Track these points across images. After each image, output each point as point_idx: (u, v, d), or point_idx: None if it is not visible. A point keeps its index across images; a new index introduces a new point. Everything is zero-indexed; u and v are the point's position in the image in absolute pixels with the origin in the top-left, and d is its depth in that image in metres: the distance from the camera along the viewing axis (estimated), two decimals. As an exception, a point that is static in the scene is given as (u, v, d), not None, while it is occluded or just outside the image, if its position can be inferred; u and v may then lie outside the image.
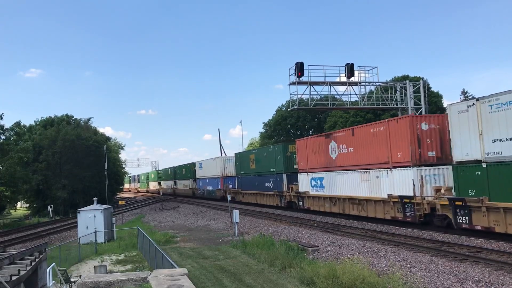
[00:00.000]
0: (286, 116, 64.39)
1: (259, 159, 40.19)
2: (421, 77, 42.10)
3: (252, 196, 42.10)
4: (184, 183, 70.30)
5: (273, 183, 36.64)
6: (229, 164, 50.84)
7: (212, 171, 54.18)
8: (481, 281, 11.41)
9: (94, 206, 27.76)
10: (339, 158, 26.90)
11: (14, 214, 65.95)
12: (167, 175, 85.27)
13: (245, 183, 44.11)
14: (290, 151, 35.28)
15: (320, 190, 29.19)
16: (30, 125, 64.56)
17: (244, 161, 44.39)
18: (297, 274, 13.58)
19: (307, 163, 30.97)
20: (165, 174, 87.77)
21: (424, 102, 29.72)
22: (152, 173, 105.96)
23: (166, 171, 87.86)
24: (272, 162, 36.91)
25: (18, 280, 8.85)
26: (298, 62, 27.15)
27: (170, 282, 7.21)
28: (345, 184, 26.19)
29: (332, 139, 27.87)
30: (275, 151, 36.74)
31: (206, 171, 57.31)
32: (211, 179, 54.91)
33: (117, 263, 18.58)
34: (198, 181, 61.70)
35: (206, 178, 57.46)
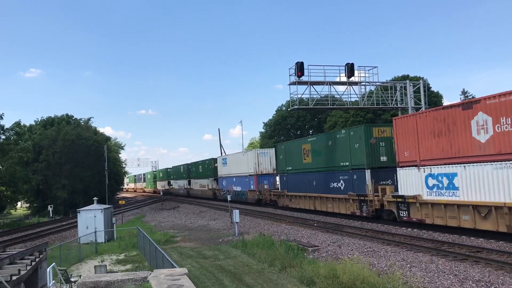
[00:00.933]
0: (286, 116, 64.40)
1: (319, 150, 30.11)
2: (421, 77, 42.11)
3: (307, 200, 31.40)
4: (201, 183, 60.42)
5: (345, 182, 26.86)
6: (264, 159, 41.84)
7: (242, 167, 44.33)
8: (481, 281, 11.41)
9: (94, 206, 27.76)
10: (497, 140, 16.54)
11: (14, 214, 65.95)
12: (179, 173, 75.36)
13: (294, 183, 33.82)
14: (376, 135, 25.12)
15: (447, 194, 18.85)
16: (30, 125, 64.58)
17: (292, 153, 34.23)
18: (297, 274, 13.58)
19: (417, 151, 20.70)
20: (176, 173, 77.91)
21: (424, 102, 29.71)
22: (160, 171, 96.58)
23: (177, 169, 77.69)
24: (344, 153, 26.95)
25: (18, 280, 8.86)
26: (298, 62, 27.13)
27: (170, 282, 7.21)
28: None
29: (479, 109, 17.32)
30: (350, 138, 26.36)
31: (233, 168, 47.42)
32: (240, 177, 45.12)
33: (117, 263, 18.58)
34: (220, 181, 52.32)
35: (232, 177, 47.89)
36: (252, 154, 42.36)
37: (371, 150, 24.89)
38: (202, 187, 60.01)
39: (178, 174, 76.08)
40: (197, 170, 63.21)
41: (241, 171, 44.72)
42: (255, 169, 41.58)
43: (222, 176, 51.54)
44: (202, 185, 59.93)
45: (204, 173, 59.28)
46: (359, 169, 25.50)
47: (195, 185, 64.29)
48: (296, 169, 33.53)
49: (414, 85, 30.24)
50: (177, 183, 76.63)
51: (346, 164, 26.83)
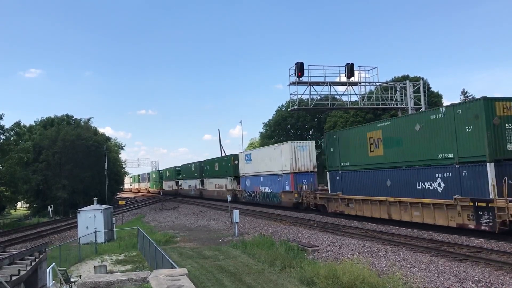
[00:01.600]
0: (286, 116, 64.40)
1: (398, 138, 22.43)
2: (421, 77, 42.11)
3: (377, 206, 23.56)
4: (218, 183, 53.04)
5: (445, 182, 19.30)
6: (303, 154, 34.07)
7: (273, 164, 36.89)
8: (481, 281, 11.41)
9: (94, 206, 27.76)
10: None
11: (14, 214, 65.95)
12: (189, 172, 68.02)
13: (352, 183, 26.39)
14: (500, 114, 17.78)
15: None
16: (30, 125, 64.64)
17: (350, 144, 26.73)
18: (297, 274, 13.58)
19: None
20: (186, 171, 70.35)
21: (424, 102, 29.73)
22: (167, 170, 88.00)
23: (187, 168, 70.39)
24: (445, 141, 19.33)
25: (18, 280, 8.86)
26: (298, 62, 27.15)
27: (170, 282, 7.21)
28: None
29: None
30: (457, 118, 18.73)
31: (260, 165, 40.01)
32: (270, 176, 37.57)
33: (117, 263, 18.58)
34: (243, 180, 44.83)
35: (258, 176, 40.38)
36: (288, 148, 34.18)
37: (494, 134, 17.49)
38: (219, 188, 52.30)
39: (189, 173, 68.47)
40: (212, 168, 55.64)
41: (271, 168, 37.18)
42: (291, 165, 33.63)
43: (246, 175, 43.80)
44: (219, 185, 52.30)
45: (222, 172, 51.58)
46: (473, 162, 17.95)
47: (210, 185, 56.55)
48: (357, 164, 26.01)
49: (414, 85, 30.27)
50: (187, 183, 69.25)
51: (449, 156, 19.10)
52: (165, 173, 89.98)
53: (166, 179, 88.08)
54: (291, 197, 33.42)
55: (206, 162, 60.40)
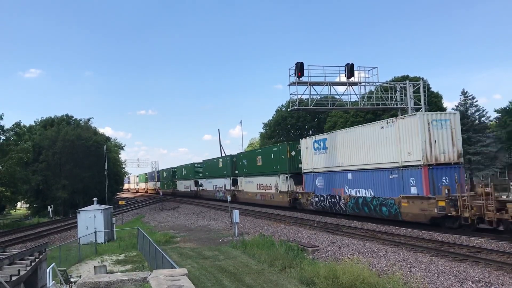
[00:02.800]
0: (286, 116, 64.38)
1: None
2: (421, 77, 42.10)
3: None
4: (263, 182, 39.50)
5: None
6: (442, 133, 21.29)
7: (378, 152, 23.74)
8: (481, 281, 11.41)
9: (94, 206, 27.76)
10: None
11: (14, 214, 65.99)
12: (214, 169, 55.66)
13: None
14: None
15: None
16: (30, 125, 64.59)
17: None
18: (297, 274, 13.57)
19: None
20: (210, 168, 58.07)
21: (424, 102, 29.70)
22: (183, 168, 73.60)
23: (211, 164, 57.69)
24: None
25: (18, 280, 8.85)
26: (298, 62, 27.14)
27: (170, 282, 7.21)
28: None
29: None
30: None
31: (345, 155, 26.90)
32: (370, 172, 24.49)
33: (117, 263, 18.57)
34: (309, 179, 31.48)
35: (343, 172, 27.08)
36: (415, 123, 21.19)
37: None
38: (264, 189, 38.92)
39: (214, 170, 55.68)
40: (252, 162, 42.26)
41: (374, 159, 23.92)
42: (424, 153, 20.66)
43: (314, 170, 30.66)
44: (265, 185, 38.87)
45: (269, 167, 38.09)
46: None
47: (248, 185, 43.51)
48: None
49: (414, 86, 30.25)
50: (212, 182, 56.22)
51: None
52: (179, 171, 76.07)
53: (181, 178, 74.72)
54: (428, 206, 19.85)
55: (242, 156, 47.43)
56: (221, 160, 53.95)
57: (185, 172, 71.28)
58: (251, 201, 42.85)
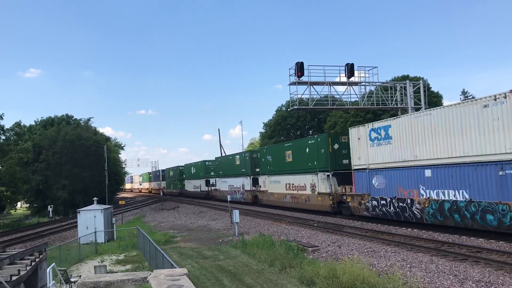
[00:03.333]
0: (286, 116, 64.41)
1: None
2: (421, 77, 42.11)
3: None
4: (295, 182, 33.04)
5: None
6: None
7: (486, 141, 17.01)
8: (481, 281, 11.40)
9: (94, 206, 27.76)
10: None
11: (14, 214, 66.00)
12: (230, 166, 49.27)
13: None
14: None
15: None
16: (30, 125, 64.66)
17: None
18: (297, 274, 13.57)
19: None
20: (224, 167, 51.66)
21: (424, 102, 29.74)
22: (192, 166, 67.77)
23: (226, 162, 51.76)
24: None
25: (18, 280, 8.85)
26: (298, 62, 27.17)
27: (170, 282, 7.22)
28: None
29: None
30: None
31: (419, 145, 20.44)
32: (465, 168, 17.89)
33: (117, 263, 18.58)
34: (361, 178, 24.71)
35: (418, 168, 20.47)
36: None
37: None
38: (297, 190, 32.63)
39: (229, 168, 49.70)
40: (279, 159, 35.88)
41: (473, 149, 17.69)
42: None
43: (372, 166, 23.79)
44: (297, 186, 32.70)
45: (302, 164, 31.80)
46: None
47: (274, 186, 36.93)
48: None
49: (414, 85, 30.28)
50: (227, 182, 50.23)
51: None
52: (188, 170, 70.34)
53: (189, 177, 68.97)
54: None
55: (266, 151, 39.25)
56: (239, 157, 46.98)
57: (195, 171, 65.65)
58: (278, 204, 36.22)
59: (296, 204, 32.97)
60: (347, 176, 26.87)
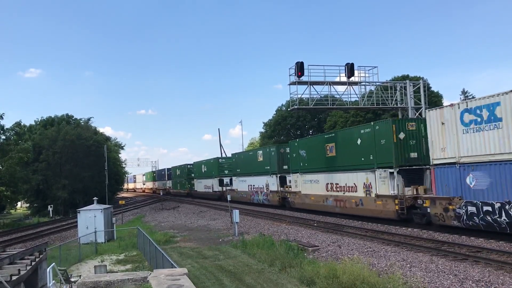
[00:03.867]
0: (286, 116, 64.40)
1: None
2: (421, 77, 42.11)
3: None
4: (339, 181, 27.46)
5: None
6: None
7: None
8: (481, 281, 11.41)
9: (94, 206, 27.77)
10: None
11: (14, 214, 65.99)
12: (250, 164, 42.53)
13: None
14: None
15: None
16: (30, 125, 64.60)
17: None
18: (297, 274, 13.57)
19: None
20: (242, 164, 45.02)
21: (424, 102, 29.72)
22: (203, 164, 61.18)
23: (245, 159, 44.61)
24: None
25: (18, 280, 8.86)
26: (298, 62, 27.16)
27: (170, 282, 7.22)
28: None
29: None
30: None
31: None
32: None
33: (117, 263, 18.58)
34: (449, 175, 18.54)
35: None
36: None
37: None
38: (343, 191, 26.84)
39: (249, 166, 42.84)
40: (316, 154, 29.96)
41: None
42: None
43: (465, 160, 18.00)
44: (343, 186, 26.88)
45: (351, 159, 26.08)
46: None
47: (311, 186, 30.71)
48: None
49: (414, 85, 30.28)
50: (247, 181, 43.59)
51: None
52: (198, 168, 63.64)
53: (200, 176, 62.40)
54: None
55: (298, 145, 32.74)
56: (262, 152, 40.41)
57: (206, 169, 59.17)
58: (316, 208, 29.96)
59: (342, 209, 26.84)
60: (416, 173, 22.21)
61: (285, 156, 36.03)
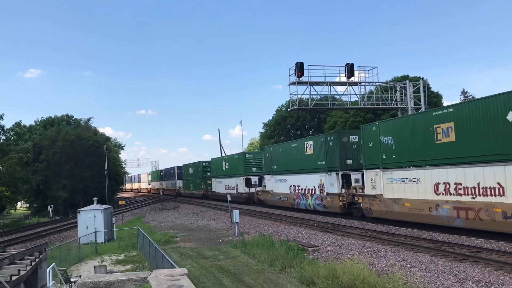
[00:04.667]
0: (286, 116, 64.44)
1: None
2: (421, 77, 42.12)
3: None
4: (463, 180, 17.58)
5: None
6: None
7: None
8: (481, 281, 11.40)
9: (94, 206, 27.77)
10: None
11: (14, 214, 66.01)
12: (292, 160, 33.79)
13: None
14: None
15: None
16: (30, 125, 64.60)
17: None
18: (297, 274, 13.57)
19: None
20: (279, 159, 36.04)
21: (424, 102, 29.73)
22: (224, 160, 52.65)
23: (284, 152, 35.38)
24: None
25: (18, 280, 8.86)
26: (298, 62, 27.17)
27: (170, 282, 7.21)
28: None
29: None
30: None
31: None
32: None
33: (117, 263, 18.58)
34: None
35: None
36: None
37: None
38: (474, 196, 17.07)
39: (292, 161, 33.71)
40: (412, 139, 20.71)
41: None
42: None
43: None
44: (472, 188, 17.14)
45: (481, 147, 16.76)
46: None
47: (407, 188, 21.08)
48: None
49: (414, 85, 30.29)
50: (288, 181, 34.52)
51: None
52: (217, 165, 54.09)
53: (219, 174, 53.18)
54: None
55: (379, 128, 23.51)
56: (312, 142, 30.75)
57: (228, 167, 50.05)
58: (416, 218, 20.55)
59: (471, 223, 17.37)
60: None
61: (349, 147, 27.68)
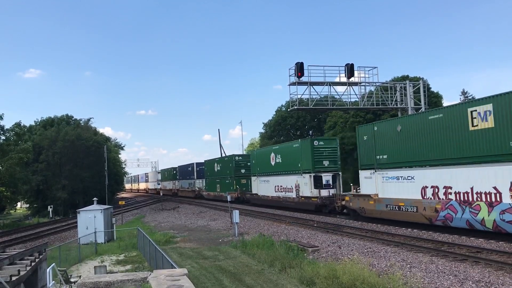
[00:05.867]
0: (286, 117, 64.40)
1: None
2: (421, 77, 42.10)
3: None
4: None
5: None
6: None
7: None
8: (481, 281, 11.40)
9: (94, 207, 27.76)
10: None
11: (14, 215, 66.00)
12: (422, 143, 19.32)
13: None
14: None
15: None
16: (30, 125, 64.64)
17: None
18: (297, 275, 13.57)
19: None
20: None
21: (424, 102, 29.73)
22: (273, 151, 37.04)
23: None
24: None
25: (18, 281, 8.85)
26: (298, 62, 27.17)
27: (170, 283, 7.21)
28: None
29: None
30: None
31: None
32: None
33: (117, 263, 18.57)
34: None
35: None
36: None
37: None
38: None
39: (423, 148, 19.66)
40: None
41: None
42: None
43: None
44: None
45: None
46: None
47: None
48: None
49: (414, 86, 30.28)
50: (415, 179, 20.14)
51: None
52: (259, 159, 40.48)
53: (262, 171, 39.45)
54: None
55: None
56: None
57: (280, 160, 35.60)
58: None
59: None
60: None
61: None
